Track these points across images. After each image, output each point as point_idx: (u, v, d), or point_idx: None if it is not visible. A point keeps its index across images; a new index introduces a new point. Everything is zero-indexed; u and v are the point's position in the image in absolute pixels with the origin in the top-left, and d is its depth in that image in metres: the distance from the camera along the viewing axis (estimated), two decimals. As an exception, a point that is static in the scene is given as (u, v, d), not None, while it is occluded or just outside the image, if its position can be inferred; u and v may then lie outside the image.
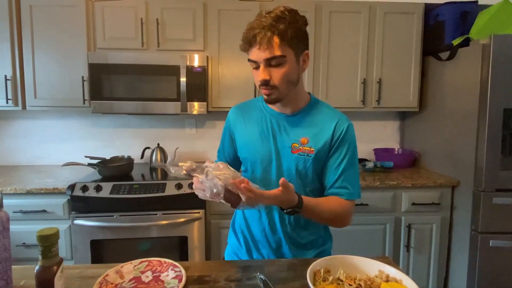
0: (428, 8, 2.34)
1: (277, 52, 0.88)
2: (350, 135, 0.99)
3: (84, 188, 1.88)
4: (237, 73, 2.26)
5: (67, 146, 2.54)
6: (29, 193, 1.90)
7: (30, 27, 2.12)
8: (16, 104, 2.17)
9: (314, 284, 0.72)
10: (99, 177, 2.08)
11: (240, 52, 2.34)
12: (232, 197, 0.79)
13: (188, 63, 2.14)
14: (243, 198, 0.78)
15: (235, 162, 1.15)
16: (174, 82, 2.15)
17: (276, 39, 0.87)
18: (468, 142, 1.99)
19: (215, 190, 0.78)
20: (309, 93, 1.07)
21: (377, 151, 2.62)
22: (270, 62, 0.90)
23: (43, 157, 2.53)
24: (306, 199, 0.89)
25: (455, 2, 2.19)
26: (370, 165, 2.34)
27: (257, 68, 0.93)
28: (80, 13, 2.14)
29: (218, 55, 2.24)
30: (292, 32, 0.89)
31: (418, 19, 2.31)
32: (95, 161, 2.13)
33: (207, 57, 2.20)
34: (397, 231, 2.12)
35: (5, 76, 2.12)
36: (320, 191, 1.03)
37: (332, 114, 1.01)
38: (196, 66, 2.15)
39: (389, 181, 2.08)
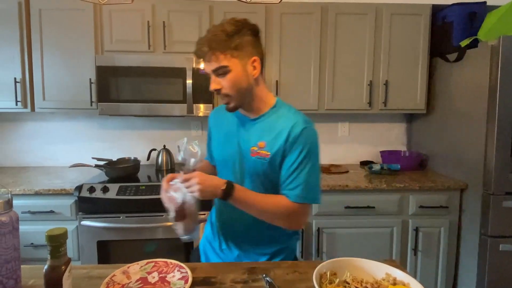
0: (435, 9, 2.32)
1: (220, 63, 0.95)
2: (305, 138, 0.99)
3: (91, 189, 1.90)
4: (243, 75, 2.26)
5: (74, 148, 2.57)
6: (37, 194, 1.92)
7: (39, 30, 2.16)
8: (25, 106, 2.20)
9: (320, 287, 0.71)
10: (106, 178, 2.10)
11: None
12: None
13: (194, 65, 2.15)
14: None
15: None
16: (180, 84, 2.16)
17: (215, 52, 0.94)
18: (477, 145, 1.96)
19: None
20: (277, 97, 1.10)
21: (383, 154, 2.60)
22: (217, 72, 0.97)
23: (51, 159, 2.56)
24: (242, 189, 0.97)
25: (463, 3, 2.17)
26: (376, 167, 2.32)
27: (210, 77, 1.00)
28: (88, 17, 2.16)
29: (224, 57, 2.24)
30: (232, 43, 0.94)
31: (425, 20, 2.29)
32: (102, 163, 2.15)
33: (213, 59, 2.20)
34: (404, 234, 2.10)
35: (15, 78, 2.16)
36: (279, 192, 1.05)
37: (291, 118, 1.01)
38: (202, 68, 2.15)
39: (396, 183, 2.06)
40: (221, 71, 0.95)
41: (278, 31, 2.24)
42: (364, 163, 2.61)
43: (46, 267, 0.66)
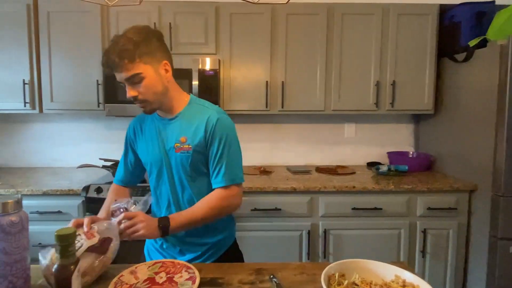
0: (443, 9, 2.30)
1: (132, 71, 0.98)
2: (221, 126, 1.07)
3: (98, 190, 1.91)
4: (249, 76, 2.26)
5: (81, 149, 2.59)
6: (45, 194, 1.94)
7: (47, 32, 2.18)
8: (33, 108, 2.22)
9: (329, 288, 0.70)
10: (113, 179, 2.10)
11: (251, 55, 2.37)
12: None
13: (200, 67, 2.16)
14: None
15: (136, 167, 1.26)
16: (186, 85, 2.16)
17: (126, 61, 0.97)
18: (486, 146, 1.94)
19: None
20: (191, 94, 1.17)
21: (390, 155, 2.58)
22: (132, 81, 1.00)
23: (58, 159, 2.59)
24: (176, 216, 1.03)
25: (471, 3, 2.15)
26: (384, 168, 2.30)
27: (125, 86, 1.03)
28: (95, 19, 2.18)
29: (230, 58, 2.25)
30: (142, 50, 0.98)
31: (432, 20, 2.27)
32: (109, 163, 2.16)
33: (219, 61, 2.21)
34: (412, 236, 2.07)
35: (23, 80, 2.18)
36: (209, 182, 1.12)
37: (205, 112, 1.10)
38: (208, 70, 2.17)
39: (403, 185, 2.04)
40: (136, 79, 0.99)
41: (284, 31, 2.24)
42: (371, 164, 2.59)
43: (55, 266, 0.66)
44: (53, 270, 0.66)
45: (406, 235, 2.06)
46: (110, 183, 1.97)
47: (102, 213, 1.13)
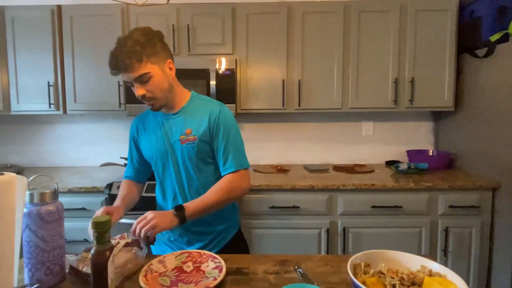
0: (462, 4, 2.26)
1: (141, 71, 1.03)
2: (224, 117, 1.15)
3: (121, 188, 1.96)
4: (265, 75, 2.28)
5: (103, 149, 2.66)
6: (70, 191, 2.00)
7: (70, 36, 2.26)
8: (58, 109, 2.31)
9: (355, 277, 0.71)
10: (134, 177, 2.15)
11: (268, 55, 2.40)
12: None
13: (217, 67, 2.19)
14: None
15: (142, 164, 1.30)
16: (204, 85, 2.20)
17: (135, 62, 1.02)
18: (509, 142, 1.89)
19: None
20: (191, 91, 1.24)
21: (410, 153, 2.54)
22: (140, 80, 1.05)
23: (81, 159, 2.67)
24: (191, 203, 1.06)
25: (492, -3, 2.10)
26: (403, 166, 2.27)
27: (132, 86, 1.08)
28: (116, 22, 2.25)
29: (247, 58, 2.27)
30: (148, 51, 1.04)
31: (452, 16, 2.24)
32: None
33: (236, 60, 2.24)
34: (433, 235, 2.04)
35: (48, 82, 2.27)
36: (215, 171, 1.19)
37: (207, 104, 1.18)
38: (225, 69, 2.20)
39: (424, 182, 2.01)
40: (145, 78, 1.05)
41: (300, 30, 2.25)
42: (389, 163, 2.56)
43: (92, 251, 0.69)
44: (90, 255, 0.69)
45: (427, 234, 2.03)
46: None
47: (118, 202, 1.17)
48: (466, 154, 2.30)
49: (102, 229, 0.69)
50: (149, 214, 0.98)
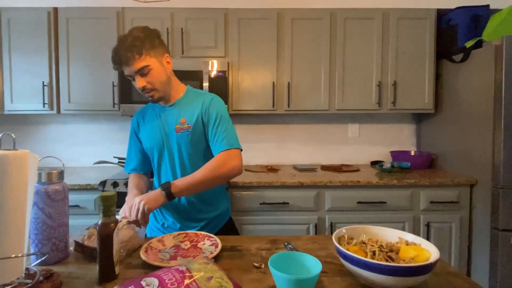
0: (440, 13, 2.42)
1: (141, 64, 1.12)
2: (215, 104, 1.23)
3: (115, 184, 2.00)
4: (256, 78, 2.38)
5: (96, 149, 2.69)
6: (64, 189, 2.02)
7: (66, 37, 2.31)
8: (52, 108, 2.34)
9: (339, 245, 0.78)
10: (128, 175, 2.19)
11: (258, 58, 2.52)
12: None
13: (210, 69, 2.27)
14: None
15: (144, 157, 1.37)
16: (197, 86, 2.27)
17: (136, 55, 1.11)
18: (485, 142, 2.02)
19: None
20: (188, 85, 1.33)
21: (393, 154, 2.66)
22: (141, 72, 1.13)
23: (73, 159, 2.69)
24: (178, 180, 1.11)
25: (467, 7, 2.26)
26: (387, 165, 2.38)
27: (133, 79, 1.17)
28: (111, 24, 2.32)
29: (238, 61, 2.37)
30: (147, 45, 1.13)
31: (430, 23, 2.39)
32: (124, 161, 2.25)
33: (228, 63, 2.33)
34: (415, 229, 2.14)
35: (43, 82, 2.31)
36: (208, 160, 1.21)
37: (200, 96, 1.27)
38: (218, 72, 2.28)
39: (406, 179, 2.12)
40: (145, 71, 1.13)
41: (289, 35, 2.36)
42: (374, 163, 2.67)
43: (99, 223, 0.75)
44: (97, 226, 0.75)
45: (410, 229, 2.13)
46: (126, 178, 2.08)
47: (133, 191, 1.23)
48: (446, 154, 2.43)
49: (108, 202, 0.75)
50: (136, 199, 1.05)
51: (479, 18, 2.22)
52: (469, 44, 2.25)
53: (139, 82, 1.14)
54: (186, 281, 0.61)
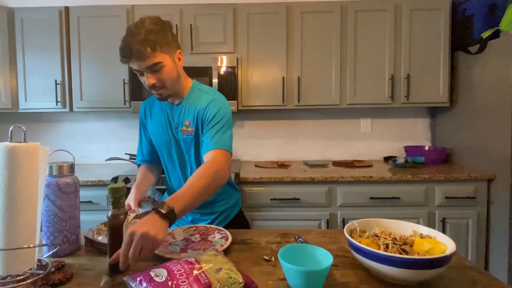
0: (455, 3, 2.35)
1: (154, 60, 1.04)
2: (214, 104, 1.16)
3: (126, 180, 2.02)
4: (265, 73, 2.36)
5: (107, 146, 2.73)
6: (77, 185, 2.05)
7: (77, 36, 2.34)
8: (64, 106, 2.38)
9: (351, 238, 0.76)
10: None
11: (268, 53, 2.50)
12: None
13: (219, 65, 2.27)
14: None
15: (151, 150, 1.33)
16: (207, 83, 2.27)
17: (149, 50, 1.02)
18: (503, 136, 1.95)
19: None
20: (193, 79, 1.25)
21: (407, 149, 2.60)
22: (152, 69, 1.05)
23: (85, 156, 2.73)
24: (174, 199, 0.85)
25: (483, -4, 2.19)
26: (401, 160, 2.33)
27: (141, 74, 1.08)
28: (121, 22, 2.33)
29: (248, 56, 2.35)
30: (161, 40, 1.05)
31: (445, 14, 2.32)
32: (135, 157, 2.27)
33: (237, 59, 2.32)
34: (431, 225, 2.08)
35: (55, 80, 2.34)
36: None
37: (204, 96, 1.19)
38: (227, 67, 2.27)
39: (421, 174, 2.07)
40: (157, 67, 1.06)
41: (299, 29, 2.33)
42: (387, 159, 2.62)
43: (109, 214, 0.75)
44: (107, 218, 0.75)
45: (425, 224, 2.08)
46: (135, 175, 2.10)
47: (133, 190, 1.22)
48: (462, 148, 2.36)
49: (118, 194, 0.75)
50: (134, 236, 0.72)
51: (496, 8, 2.14)
52: (485, 34, 2.18)
53: (149, 79, 1.07)
54: (195, 272, 0.60)
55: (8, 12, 2.31)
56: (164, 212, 0.78)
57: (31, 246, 0.69)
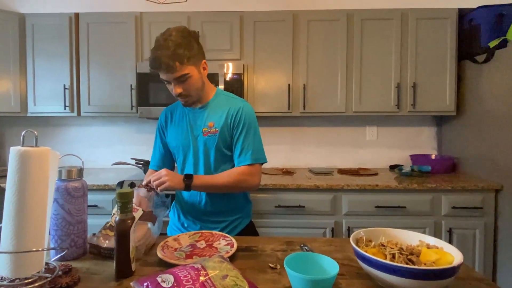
0: (461, 13, 2.35)
1: (182, 72, 1.11)
2: (244, 112, 1.22)
3: (132, 185, 2.03)
4: (271, 80, 2.37)
5: (113, 151, 2.75)
6: (83, 189, 2.07)
7: (86, 42, 2.38)
8: (72, 111, 2.41)
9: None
10: (144, 176, 2.22)
11: (274, 60, 2.52)
12: None
13: (225, 71, 2.29)
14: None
15: (167, 152, 1.36)
16: (213, 89, 2.29)
17: (177, 64, 1.09)
18: (511, 145, 1.94)
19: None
20: (217, 87, 1.34)
21: (413, 157, 2.59)
22: (179, 80, 1.13)
23: (91, 161, 2.75)
24: (200, 176, 1.16)
25: (490, 5, 2.19)
26: (407, 169, 2.32)
27: (169, 83, 1.17)
28: (130, 28, 2.37)
29: (254, 63, 2.37)
30: (188, 53, 1.11)
31: (452, 23, 2.32)
32: (140, 162, 2.29)
33: (243, 65, 2.34)
34: (437, 235, 2.06)
35: (64, 85, 2.38)
36: (231, 165, 1.26)
37: (230, 100, 1.26)
38: (233, 74, 2.29)
39: (427, 184, 2.05)
40: (184, 78, 1.13)
41: (305, 37, 2.35)
42: (393, 167, 2.61)
43: (116, 219, 0.76)
44: (114, 222, 0.76)
45: (431, 234, 2.06)
46: (143, 180, 2.11)
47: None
48: (469, 158, 2.34)
49: (125, 199, 0.76)
50: (163, 171, 1.10)
51: (503, 17, 2.14)
52: (492, 44, 2.17)
53: (176, 89, 1.15)
54: (201, 278, 0.61)
55: (20, 18, 2.36)
56: (184, 178, 1.12)
57: (40, 249, 0.69)
